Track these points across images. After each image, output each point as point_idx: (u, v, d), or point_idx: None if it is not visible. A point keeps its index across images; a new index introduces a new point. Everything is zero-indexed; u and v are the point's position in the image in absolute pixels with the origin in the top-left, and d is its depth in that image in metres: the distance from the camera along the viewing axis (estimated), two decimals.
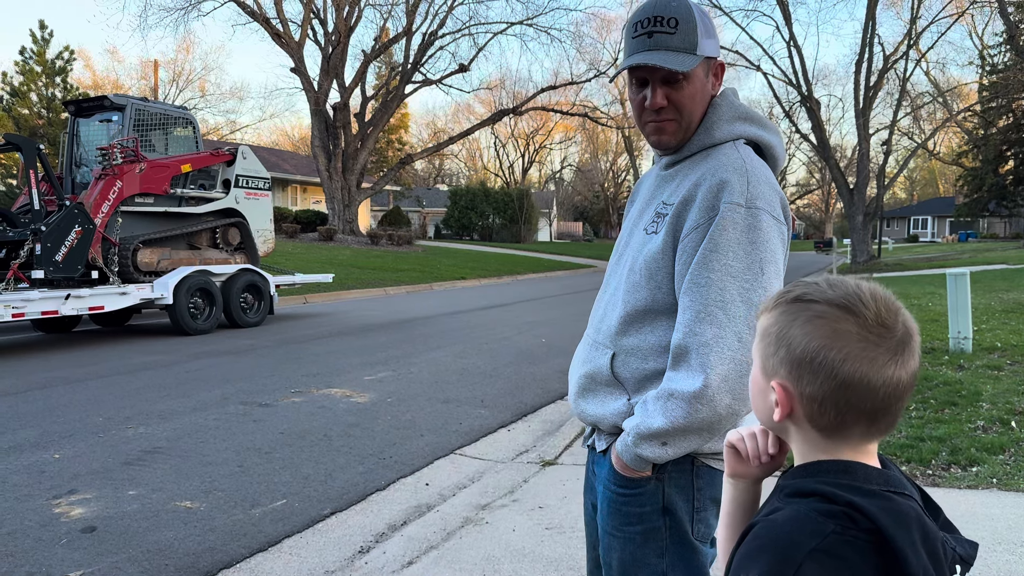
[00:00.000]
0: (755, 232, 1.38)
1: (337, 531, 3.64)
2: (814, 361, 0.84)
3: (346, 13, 28.81)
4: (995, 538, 3.18)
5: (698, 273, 1.38)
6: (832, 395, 0.84)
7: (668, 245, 1.46)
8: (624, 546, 1.51)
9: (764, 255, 1.38)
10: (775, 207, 1.43)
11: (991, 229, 61.44)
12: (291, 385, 6.98)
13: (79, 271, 9.82)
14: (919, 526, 0.82)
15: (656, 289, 1.47)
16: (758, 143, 1.54)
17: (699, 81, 1.47)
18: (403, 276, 20.85)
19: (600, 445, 1.58)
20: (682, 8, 1.44)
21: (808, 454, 0.89)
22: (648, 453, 1.41)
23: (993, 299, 12.20)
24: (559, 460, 4.67)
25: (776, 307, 0.91)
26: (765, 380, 0.91)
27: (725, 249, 1.37)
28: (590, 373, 1.57)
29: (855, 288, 0.86)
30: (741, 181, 1.41)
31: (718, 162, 1.45)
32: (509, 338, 10.19)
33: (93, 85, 44.45)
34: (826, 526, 0.79)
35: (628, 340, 1.50)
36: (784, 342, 0.87)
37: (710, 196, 1.41)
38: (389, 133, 47.20)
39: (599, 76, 34.45)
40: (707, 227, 1.40)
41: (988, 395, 5.50)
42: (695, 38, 1.43)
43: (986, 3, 29.34)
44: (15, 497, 4.02)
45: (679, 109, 1.48)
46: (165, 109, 12.24)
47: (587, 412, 1.58)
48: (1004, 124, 37.88)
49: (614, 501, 1.52)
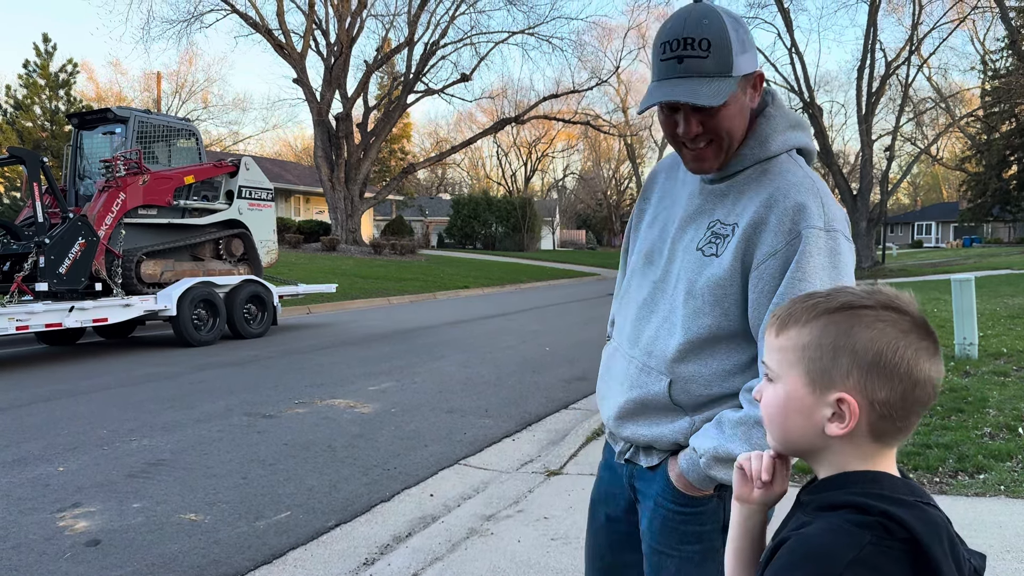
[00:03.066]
0: (836, 256, 1.34)
1: (342, 543, 3.63)
2: (889, 363, 0.82)
3: (348, 24, 28.93)
4: (1004, 546, 3.15)
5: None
6: (903, 396, 0.83)
7: (737, 271, 1.38)
8: (680, 566, 1.47)
9: (845, 278, 1.34)
10: (846, 227, 1.39)
11: (995, 234, 61.30)
12: (295, 396, 6.97)
13: (83, 283, 9.84)
14: (947, 535, 0.81)
15: (723, 316, 1.40)
16: (804, 151, 1.48)
17: (736, 103, 1.37)
18: (406, 285, 20.86)
19: (648, 461, 1.52)
20: (715, 26, 1.32)
21: (844, 465, 0.87)
22: (721, 475, 1.37)
23: (998, 305, 12.17)
24: (564, 470, 4.65)
25: (816, 318, 0.87)
26: (818, 396, 0.86)
27: (812, 276, 1.31)
28: (641, 399, 1.49)
29: (888, 290, 0.87)
30: (817, 203, 1.35)
31: (786, 181, 1.39)
32: (513, 347, 10.18)
33: (96, 98, 44.67)
34: (863, 537, 0.78)
35: (689, 367, 1.44)
36: (846, 351, 0.84)
37: (787, 220, 1.34)
38: (392, 143, 47.29)
39: (601, 84, 34.56)
40: (787, 252, 1.33)
41: (995, 401, 5.47)
42: (730, 58, 1.33)
43: (987, 8, 29.37)
44: (19, 510, 4.01)
45: (717, 134, 1.39)
46: (168, 121, 12.28)
47: (640, 434, 1.51)
48: (1007, 129, 37.92)
49: (670, 519, 1.47)
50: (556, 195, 70.50)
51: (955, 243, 61.18)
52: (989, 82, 37.92)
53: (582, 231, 64.11)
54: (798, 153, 1.47)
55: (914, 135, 37.14)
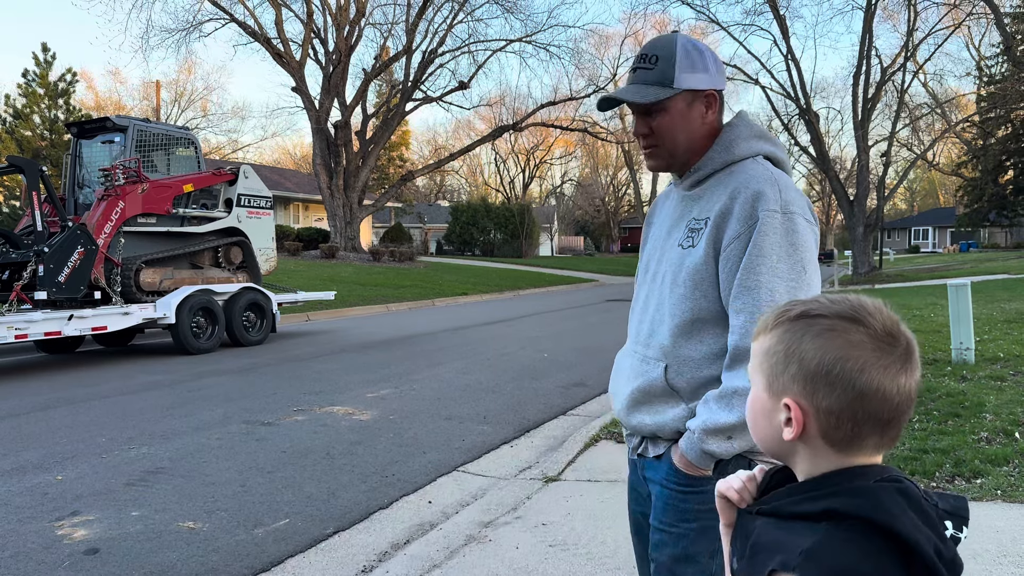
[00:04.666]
0: (794, 235, 1.49)
1: (340, 550, 3.63)
2: (831, 373, 0.83)
3: (346, 33, 29.02)
4: (1000, 551, 3.16)
5: (747, 277, 1.48)
6: (850, 407, 0.83)
7: (710, 256, 1.55)
8: (677, 542, 1.58)
9: (804, 255, 1.49)
10: (806, 210, 1.54)
11: (992, 239, 61.40)
12: (293, 403, 6.98)
13: (82, 292, 9.84)
14: (896, 491, 0.82)
15: (702, 298, 1.56)
16: (773, 159, 1.64)
17: (677, 112, 1.59)
18: (405, 292, 20.87)
19: (654, 451, 1.66)
20: (667, 48, 1.59)
21: (816, 471, 0.88)
22: (714, 447, 1.49)
23: (995, 309, 12.19)
24: (562, 476, 4.66)
25: (777, 326, 0.90)
26: (773, 400, 0.89)
27: (769, 253, 1.47)
28: (643, 387, 1.64)
29: (857, 301, 0.87)
30: (774, 190, 1.52)
31: (748, 175, 1.56)
32: (511, 353, 10.19)
33: (95, 106, 44.76)
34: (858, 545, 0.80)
35: (680, 351, 1.59)
36: (795, 358, 0.86)
37: (747, 206, 1.51)
38: (390, 150, 47.38)
39: (598, 92, 34.58)
40: (749, 234, 1.49)
41: (991, 406, 5.48)
42: (672, 73, 1.57)
43: (982, 15, 29.52)
44: (18, 519, 4.01)
45: (658, 136, 1.61)
46: (167, 129, 12.30)
47: (645, 423, 1.64)
48: (1003, 134, 37.99)
49: (672, 498, 1.60)
50: (554, 202, 70.61)
51: (952, 248, 61.25)
52: (985, 87, 38.06)
53: (580, 237, 64.16)
54: (767, 160, 1.63)
55: (910, 141, 37.24)
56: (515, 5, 29.83)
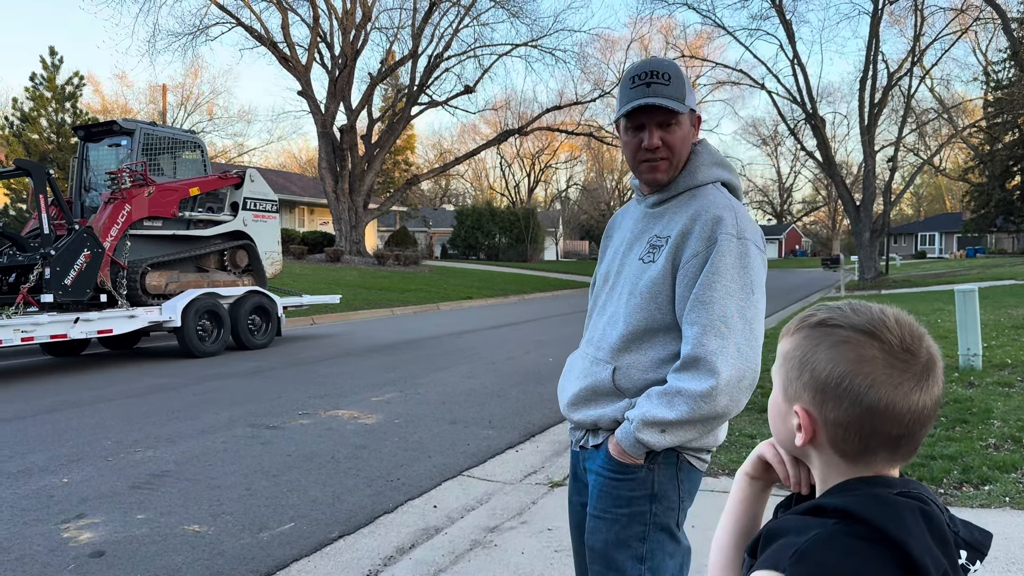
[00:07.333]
0: (746, 259, 1.63)
1: (345, 555, 3.63)
2: (839, 387, 0.83)
3: (352, 37, 29.10)
4: (1009, 558, 3.14)
5: (702, 293, 1.60)
6: (857, 421, 0.83)
7: (668, 271, 1.68)
8: (609, 527, 1.69)
9: (753, 278, 1.63)
10: (758, 239, 1.69)
11: (999, 244, 61.17)
12: (298, 407, 6.98)
13: (88, 294, 9.88)
14: (918, 511, 0.81)
15: (656, 309, 1.68)
16: (729, 186, 1.79)
17: (686, 127, 1.73)
18: (410, 296, 20.89)
19: (594, 441, 1.77)
20: (673, 67, 1.72)
21: (829, 478, 0.88)
22: (647, 438, 1.61)
23: (1002, 315, 12.13)
24: (567, 481, 4.64)
25: (798, 331, 0.90)
26: (787, 404, 0.90)
27: (724, 272, 1.60)
28: (591, 386, 1.76)
29: (879, 313, 0.85)
30: (731, 217, 1.66)
31: (709, 201, 1.69)
32: (516, 358, 10.18)
33: (102, 110, 44.94)
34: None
35: (629, 356, 1.71)
36: (808, 367, 0.86)
37: (707, 229, 1.64)
38: (396, 154, 47.44)
39: (604, 96, 34.63)
40: (707, 254, 1.62)
41: (999, 412, 5.45)
42: (684, 91, 1.69)
43: (989, 20, 29.43)
44: (23, 522, 4.02)
45: (671, 149, 1.71)
46: (173, 133, 12.35)
47: (587, 414, 1.76)
48: (1010, 139, 37.93)
49: (605, 485, 1.70)
50: (559, 206, 70.60)
51: (959, 254, 61.05)
52: (992, 93, 37.95)
53: (585, 242, 64.16)
54: (724, 187, 1.78)
55: (917, 146, 37.17)
56: (521, 9, 29.92)
